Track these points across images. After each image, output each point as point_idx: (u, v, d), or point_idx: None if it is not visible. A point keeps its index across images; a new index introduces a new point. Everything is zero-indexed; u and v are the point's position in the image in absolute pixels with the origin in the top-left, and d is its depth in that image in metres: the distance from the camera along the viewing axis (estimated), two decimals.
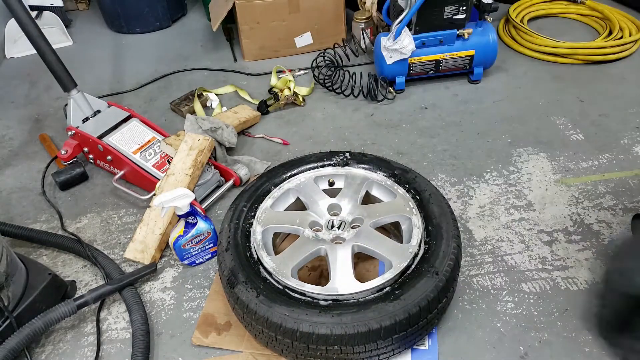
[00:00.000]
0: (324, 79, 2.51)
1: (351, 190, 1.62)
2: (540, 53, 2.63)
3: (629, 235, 1.65)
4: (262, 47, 2.77)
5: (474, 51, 2.36)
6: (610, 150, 2.05)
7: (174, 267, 1.71)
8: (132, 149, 1.99)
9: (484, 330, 1.45)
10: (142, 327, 1.44)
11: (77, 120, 2.06)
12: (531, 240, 1.70)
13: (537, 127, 2.20)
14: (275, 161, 2.09)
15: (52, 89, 2.67)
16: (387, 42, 2.28)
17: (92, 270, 1.71)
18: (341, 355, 1.24)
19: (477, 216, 1.80)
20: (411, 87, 2.49)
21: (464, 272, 1.60)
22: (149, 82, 2.70)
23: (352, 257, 1.42)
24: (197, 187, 1.85)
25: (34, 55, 2.66)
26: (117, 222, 1.89)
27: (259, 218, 1.54)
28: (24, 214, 1.95)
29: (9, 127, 2.45)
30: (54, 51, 1.94)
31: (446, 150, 2.10)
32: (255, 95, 2.52)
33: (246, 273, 1.36)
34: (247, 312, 1.29)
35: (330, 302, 1.30)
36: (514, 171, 1.98)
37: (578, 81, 2.47)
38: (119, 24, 3.21)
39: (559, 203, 1.83)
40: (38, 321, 1.36)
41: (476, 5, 2.31)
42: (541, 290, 1.54)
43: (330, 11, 2.71)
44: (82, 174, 2.05)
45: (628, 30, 2.68)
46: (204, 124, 2.03)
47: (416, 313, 1.24)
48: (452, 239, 1.40)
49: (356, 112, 2.37)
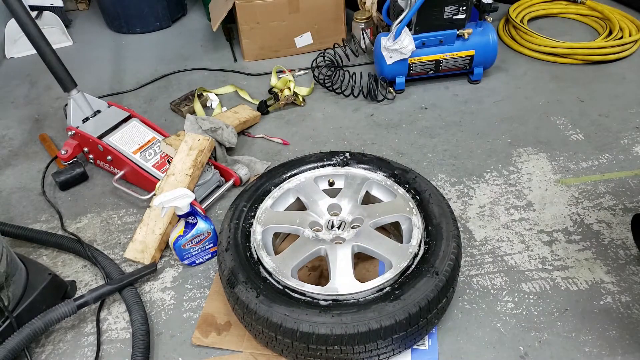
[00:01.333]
0: (324, 79, 2.51)
1: (351, 190, 1.62)
2: (540, 53, 2.63)
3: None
4: (262, 47, 2.77)
5: (474, 51, 2.36)
6: (610, 150, 2.05)
7: (174, 267, 1.71)
8: (132, 149, 1.99)
9: (484, 330, 1.45)
10: (142, 327, 1.44)
11: (77, 120, 2.06)
12: (531, 240, 1.70)
13: (537, 127, 2.20)
14: (275, 161, 2.09)
15: (52, 89, 2.67)
16: (387, 42, 2.28)
17: (92, 270, 1.71)
18: (341, 355, 1.24)
19: (477, 216, 1.80)
20: (411, 87, 2.49)
21: (464, 272, 1.60)
22: (149, 82, 2.70)
23: (352, 257, 1.42)
24: (197, 187, 1.85)
25: (34, 55, 2.66)
26: (117, 222, 1.89)
27: (259, 218, 1.54)
28: (24, 214, 1.95)
29: (9, 127, 2.45)
30: (54, 51, 1.94)
31: (446, 150, 2.10)
32: (255, 95, 2.52)
33: (246, 273, 1.36)
34: (247, 312, 1.29)
35: (330, 302, 1.30)
36: (514, 171, 1.98)
37: (578, 81, 2.47)
38: (119, 24, 3.21)
39: (559, 203, 1.83)
40: (38, 321, 1.36)
41: (476, 5, 2.31)
42: (541, 290, 1.54)
43: (330, 11, 2.71)
44: (82, 174, 2.05)
45: (628, 30, 2.68)
46: (204, 124, 2.03)
47: (416, 313, 1.24)
48: (452, 239, 1.40)
49: (356, 112, 2.37)
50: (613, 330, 1.43)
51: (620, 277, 1.56)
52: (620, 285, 1.54)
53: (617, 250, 1.65)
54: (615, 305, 1.48)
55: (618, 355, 1.37)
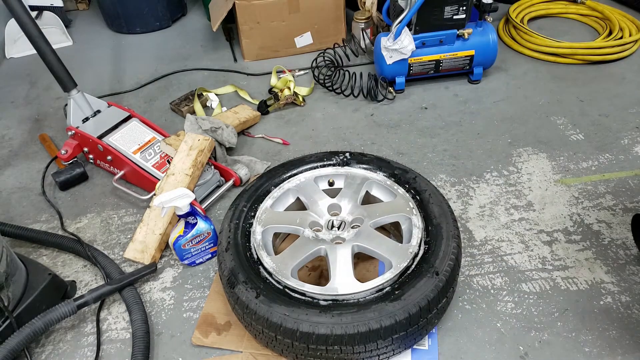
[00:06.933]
0: (324, 79, 2.51)
1: (351, 190, 1.62)
2: (540, 53, 2.63)
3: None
4: (262, 47, 2.77)
5: (474, 51, 2.36)
6: (610, 150, 2.05)
7: (174, 267, 1.71)
8: (132, 149, 1.99)
9: (484, 330, 1.45)
10: (142, 327, 1.44)
11: (77, 120, 2.06)
12: (531, 240, 1.70)
13: (537, 127, 2.20)
14: (275, 161, 2.09)
15: (52, 89, 2.67)
16: (387, 42, 2.28)
17: (92, 270, 1.71)
18: (341, 355, 1.24)
19: (477, 216, 1.80)
20: (411, 87, 2.49)
21: (464, 272, 1.60)
22: (149, 82, 2.70)
23: (352, 257, 1.42)
24: (197, 187, 1.85)
25: (34, 55, 2.66)
26: (117, 222, 1.89)
27: (259, 218, 1.54)
28: (24, 214, 1.95)
29: (9, 127, 2.45)
30: (54, 51, 1.94)
31: (446, 150, 2.10)
32: (255, 95, 2.52)
33: (246, 273, 1.36)
34: (247, 312, 1.29)
35: (330, 302, 1.30)
36: (514, 171, 1.98)
37: (578, 81, 2.47)
38: (119, 24, 3.21)
39: (559, 203, 1.83)
40: (38, 321, 1.36)
41: (476, 5, 2.31)
42: (541, 290, 1.54)
43: (330, 11, 2.71)
44: (82, 174, 2.05)
45: (628, 30, 2.68)
46: (204, 124, 2.03)
47: (416, 313, 1.24)
48: (452, 239, 1.40)
49: (356, 112, 2.37)
50: (613, 330, 1.43)
51: (620, 277, 1.56)
52: (620, 285, 1.54)
53: (617, 250, 1.65)
54: (615, 305, 1.48)
55: (618, 355, 1.37)
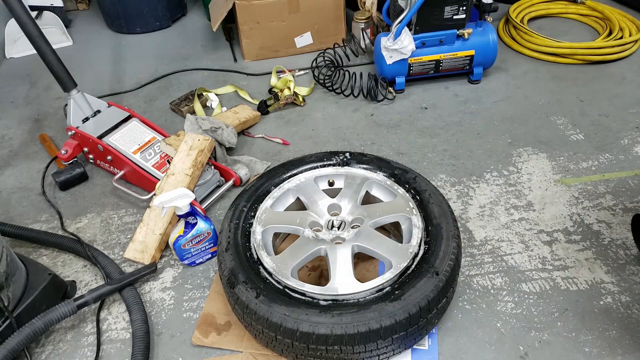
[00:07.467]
0: (324, 79, 2.51)
1: (351, 190, 1.62)
2: (540, 53, 2.63)
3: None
4: (262, 47, 2.77)
5: (474, 51, 2.36)
6: (610, 150, 2.05)
7: (174, 267, 1.71)
8: (132, 149, 1.99)
9: (484, 330, 1.45)
10: (142, 327, 1.44)
11: (77, 120, 2.06)
12: (531, 240, 1.70)
13: (537, 127, 2.20)
14: (275, 161, 2.09)
15: (52, 89, 2.67)
16: (387, 42, 2.28)
17: (92, 270, 1.71)
18: (341, 355, 1.24)
19: (477, 216, 1.80)
20: (411, 87, 2.49)
21: (464, 272, 1.60)
22: (149, 82, 2.70)
23: (352, 257, 1.42)
24: (197, 187, 1.85)
25: (34, 55, 2.66)
26: (117, 222, 1.89)
27: (259, 218, 1.54)
28: (24, 214, 1.95)
29: (9, 127, 2.45)
30: (54, 51, 1.94)
31: (446, 150, 2.10)
32: (255, 95, 2.52)
33: (246, 273, 1.36)
34: (247, 312, 1.29)
35: (330, 302, 1.30)
36: (514, 171, 1.98)
37: (578, 81, 2.47)
38: (119, 24, 3.21)
39: (559, 203, 1.83)
40: (38, 321, 1.36)
41: (476, 5, 2.31)
42: (541, 290, 1.54)
43: (330, 11, 2.70)
44: (82, 174, 2.05)
45: (628, 30, 2.68)
46: (204, 124, 2.03)
47: (416, 313, 1.24)
48: (452, 239, 1.40)
49: (356, 112, 2.37)
50: (613, 330, 1.43)
51: (620, 277, 1.56)
52: (620, 285, 1.54)
53: (617, 250, 1.65)
54: (615, 305, 1.48)
55: (618, 355, 1.37)
